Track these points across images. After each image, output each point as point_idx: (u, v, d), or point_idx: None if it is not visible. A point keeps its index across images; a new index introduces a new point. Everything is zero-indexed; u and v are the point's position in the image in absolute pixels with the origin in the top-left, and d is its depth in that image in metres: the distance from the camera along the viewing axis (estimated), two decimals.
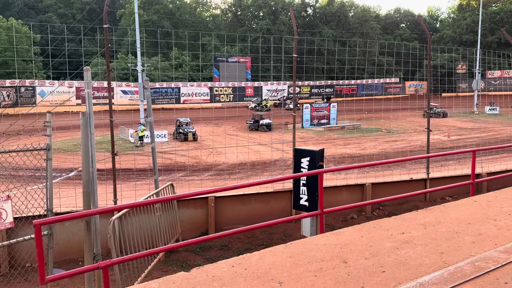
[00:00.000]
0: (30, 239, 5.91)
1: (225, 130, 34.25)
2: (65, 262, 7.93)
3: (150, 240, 7.35)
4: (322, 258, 3.80)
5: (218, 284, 3.29)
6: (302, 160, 7.24)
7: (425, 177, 12.05)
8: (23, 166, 6.73)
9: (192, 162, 23.85)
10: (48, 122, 5.97)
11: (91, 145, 5.39)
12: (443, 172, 13.84)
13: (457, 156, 17.14)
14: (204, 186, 17.04)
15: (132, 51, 50.56)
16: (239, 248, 8.45)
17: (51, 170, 5.99)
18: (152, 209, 7.69)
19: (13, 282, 6.69)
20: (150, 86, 33.82)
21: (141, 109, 35.97)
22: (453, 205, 5.61)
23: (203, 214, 9.33)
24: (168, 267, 7.47)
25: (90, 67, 5.82)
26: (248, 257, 3.87)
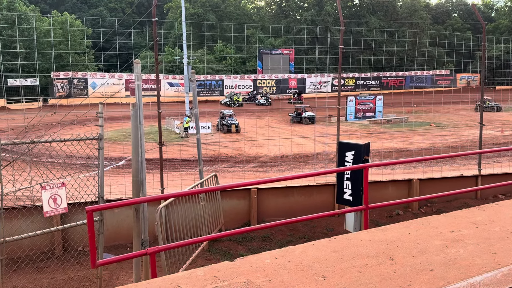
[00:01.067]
0: (83, 224, 6.24)
1: (267, 123, 34.31)
2: (114, 247, 8.29)
3: (195, 228, 7.53)
4: (367, 254, 3.74)
5: (261, 275, 3.31)
6: (347, 154, 7.12)
7: (476, 174, 11.50)
8: (76, 155, 7.07)
9: (234, 154, 24.13)
10: (100, 112, 6.23)
11: (140, 136, 5.57)
12: (495, 169, 13.14)
13: (510, 152, 16.22)
14: (247, 178, 17.20)
15: (178, 44, 51.63)
16: (280, 240, 8.48)
17: (102, 159, 6.27)
18: (196, 198, 7.86)
19: (66, 264, 7.09)
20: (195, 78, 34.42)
21: (186, 101, 36.73)
22: (508, 203, 5.32)
23: (245, 205, 9.43)
24: (212, 255, 7.63)
25: (139, 60, 6.00)
26: (291, 249, 3.87)
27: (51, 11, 54.64)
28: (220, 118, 32.41)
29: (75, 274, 6.86)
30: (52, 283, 6.63)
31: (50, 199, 5.61)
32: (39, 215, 7.28)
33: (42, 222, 7.39)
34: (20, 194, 7.03)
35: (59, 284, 6.57)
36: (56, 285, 6.54)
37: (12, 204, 7.35)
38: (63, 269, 7.01)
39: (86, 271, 6.89)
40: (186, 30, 38.51)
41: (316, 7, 66.27)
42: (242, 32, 55.03)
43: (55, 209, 5.69)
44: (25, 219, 7.33)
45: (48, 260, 7.28)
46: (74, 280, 6.67)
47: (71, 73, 49.25)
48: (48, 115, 7.90)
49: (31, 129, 7.42)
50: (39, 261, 7.02)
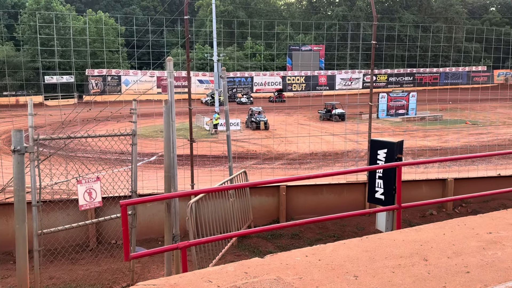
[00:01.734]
0: (116, 217, 6.40)
1: (296, 120, 34.12)
2: (146, 241, 8.46)
3: (224, 224, 7.58)
4: (400, 254, 3.66)
5: (291, 272, 3.30)
6: (379, 152, 6.98)
7: None
8: (111, 150, 7.24)
9: (263, 151, 24.15)
10: (134, 109, 6.37)
11: (172, 132, 5.65)
12: None
13: None
14: (276, 175, 17.18)
15: (208, 42, 52.06)
16: (309, 238, 8.43)
17: (136, 154, 6.40)
18: (226, 195, 7.92)
19: (100, 256, 7.29)
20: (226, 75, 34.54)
21: (216, 98, 37.01)
22: None
23: (274, 202, 9.42)
24: (241, 251, 7.68)
25: (172, 58, 6.08)
26: (322, 248, 3.83)
27: (86, 10, 56.21)
28: (249, 115, 32.50)
29: (108, 266, 7.05)
30: (86, 274, 6.84)
31: (86, 193, 5.78)
32: (74, 208, 7.52)
33: (77, 215, 7.63)
34: (56, 187, 7.28)
35: (93, 275, 6.77)
36: (90, 277, 6.74)
37: (49, 197, 7.62)
38: (97, 261, 7.22)
39: (119, 263, 7.07)
40: (216, 27, 38.77)
41: (347, 2, 65.23)
42: (272, 29, 54.85)
43: (90, 202, 5.86)
44: (61, 212, 7.59)
45: (82, 252, 7.52)
46: (108, 272, 6.86)
47: (105, 70, 50.56)
48: (83, 111, 8.13)
49: (67, 125, 7.66)
50: (74, 253, 7.26)
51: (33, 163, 5.39)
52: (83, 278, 6.66)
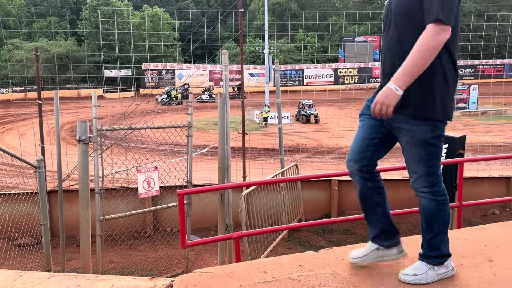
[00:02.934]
0: (173, 206, 6.62)
1: (348, 113, 33.45)
2: (199, 230, 8.70)
3: (275, 217, 7.62)
4: (463, 254, 3.49)
5: (348, 268, 3.26)
6: None
7: None
8: (166, 141, 7.47)
9: (313, 144, 23.95)
10: (190, 102, 6.53)
11: (226, 124, 5.74)
12: None
13: None
14: (326, 169, 16.99)
15: (260, 35, 52.19)
16: (362, 234, 8.28)
17: (191, 145, 6.57)
18: (277, 187, 7.94)
19: (157, 243, 7.60)
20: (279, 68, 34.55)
21: (266, 90, 37.12)
22: None
23: (325, 196, 9.32)
24: (291, 244, 7.69)
25: (227, 51, 6.16)
26: None
27: (142, 5, 58.22)
28: (299, 108, 32.28)
29: (164, 253, 7.33)
30: (144, 260, 7.16)
31: (145, 182, 6.02)
32: (133, 196, 7.88)
33: (135, 203, 7.99)
34: (117, 176, 7.64)
35: (150, 261, 7.07)
36: (147, 262, 7.05)
37: (110, 185, 8.03)
38: (154, 248, 7.53)
39: (174, 250, 7.32)
40: (268, 20, 38.75)
41: None
42: (324, 20, 53.96)
43: (148, 191, 6.10)
44: (121, 200, 7.97)
45: (140, 239, 7.87)
46: (164, 258, 7.14)
47: (160, 64, 52.23)
48: (141, 104, 8.45)
49: (127, 116, 8.00)
50: (133, 239, 7.61)
51: (96, 152, 5.69)
52: (141, 263, 6.98)
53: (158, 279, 3.16)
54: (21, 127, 28.16)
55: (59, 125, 6.61)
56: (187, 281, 3.12)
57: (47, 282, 3.03)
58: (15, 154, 4.84)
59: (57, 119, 6.57)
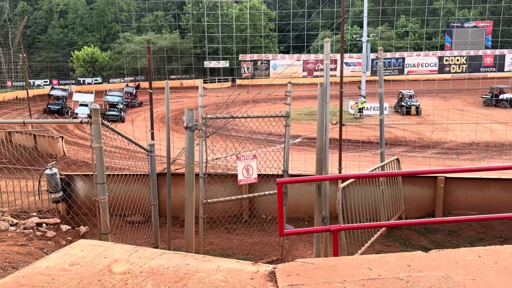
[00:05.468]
0: (269, 194, 6.72)
1: (453, 105, 30.93)
2: (293, 220, 8.74)
3: (374, 212, 7.33)
4: None
5: (462, 272, 2.99)
6: None
7: None
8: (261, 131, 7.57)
9: (414, 138, 22.61)
10: (288, 91, 6.52)
11: (326, 115, 5.62)
12: None
13: None
14: (429, 164, 15.93)
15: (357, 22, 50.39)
16: (470, 237, 7.60)
17: (288, 135, 6.59)
18: (376, 182, 7.62)
19: (253, 229, 7.79)
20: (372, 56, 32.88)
21: (363, 80, 35.83)
22: None
23: (429, 194, 8.71)
24: (390, 242, 7.35)
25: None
26: (498, 249, 3.39)
27: None
28: (399, 99, 30.64)
29: (259, 239, 7.50)
30: (240, 244, 7.40)
31: (244, 169, 6.19)
32: (232, 182, 8.16)
33: (234, 189, 8.27)
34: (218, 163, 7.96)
35: (246, 246, 7.28)
36: (244, 246, 7.27)
37: (212, 171, 8.42)
38: (250, 233, 7.74)
39: (269, 237, 7.46)
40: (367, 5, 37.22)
41: None
42: (429, 4, 50.23)
43: (247, 178, 6.26)
44: (220, 185, 8.31)
45: (238, 223, 8.15)
46: (259, 244, 7.30)
47: (256, 55, 53.25)
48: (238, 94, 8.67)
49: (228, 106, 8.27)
50: (231, 223, 7.90)
51: (201, 139, 5.97)
52: (238, 247, 7.22)
53: (261, 265, 3.21)
54: (132, 114, 30.88)
55: (169, 113, 7.06)
56: (289, 270, 3.13)
57: (159, 258, 3.25)
58: (131, 139, 5.27)
59: (167, 107, 7.02)
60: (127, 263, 3.02)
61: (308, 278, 2.98)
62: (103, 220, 4.18)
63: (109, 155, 8.69)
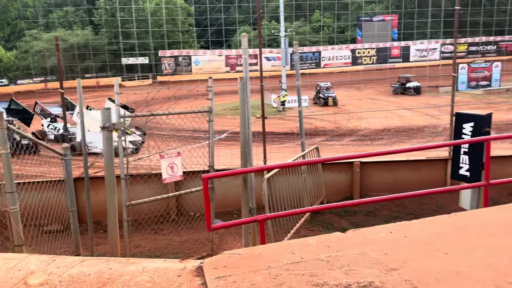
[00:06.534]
0: (196, 191, 6.69)
1: (367, 95, 32.98)
2: (222, 214, 8.79)
3: (297, 200, 7.63)
4: (493, 233, 3.43)
5: (376, 248, 3.23)
6: (464, 126, 6.56)
7: None
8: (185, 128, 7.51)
9: (332, 127, 23.76)
10: (210, 87, 6.52)
11: (247, 109, 5.72)
12: None
13: None
14: (346, 151, 16.86)
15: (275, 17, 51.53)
16: (385, 216, 8.23)
17: (212, 130, 6.60)
18: (299, 171, 7.93)
19: (182, 227, 7.71)
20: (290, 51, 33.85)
21: (283, 74, 36.78)
22: None
23: (347, 178, 9.27)
24: (314, 227, 7.71)
25: (247, 34, 6.10)
26: (407, 224, 3.71)
27: None
28: (317, 91, 31.96)
29: (188, 236, 7.45)
30: (169, 244, 7.29)
31: (168, 167, 6.09)
32: (157, 182, 7.98)
33: (159, 189, 8.10)
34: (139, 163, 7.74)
35: (175, 245, 7.19)
36: (172, 246, 7.18)
37: (135, 172, 8.16)
38: (178, 232, 7.65)
39: (198, 234, 7.43)
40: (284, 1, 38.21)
41: None
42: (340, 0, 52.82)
43: (172, 176, 6.17)
44: (145, 186, 8.09)
45: (165, 223, 8.00)
46: (188, 242, 7.26)
47: (176, 51, 52.20)
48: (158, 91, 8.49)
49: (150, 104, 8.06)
50: (158, 224, 7.75)
51: (120, 139, 5.76)
52: (166, 247, 7.11)
53: (187, 261, 3.20)
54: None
55: (83, 114, 6.71)
56: (216, 263, 3.16)
57: (80, 266, 3.10)
58: (42, 143, 4.94)
59: (81, 107, 6.66)
60: (44, 273, 2.84)
61: (235, 268, 3.03)
62: (16, 231, 3.89)
63: (20, 162, 8.04)
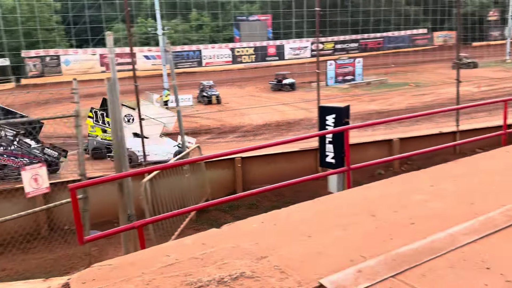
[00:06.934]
0: (67, 203, 6.19)
1: (248, 92, 34.09)
2: (102, 224, 8.28)
3: (181, 201, 7.57)
4: (351, 212, 3.83)
5: (248, 239, 3.37)
6: (327, 118, 7.19)
7: (454, 130, 11.77)
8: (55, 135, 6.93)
9: (217, 125, 24.06)
10: (75, 89, 6.08)
11: (117, 110, 5.48)
12: (473, 124, 13.45)
13: (488, 107, 16.61)
14: (230, 148, 17.23)
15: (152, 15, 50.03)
16: (266, 207, 8.62)
17: (81, 136, 6.17)
18: (181, 171, 7.87)
19: (54, 243, 7.09)
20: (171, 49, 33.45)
21: (164, 73, 36.03)
22: (484, 156, 5.49)
23: (230, 174, 9.49)
24: (200, 225, 7.74)
25: (112, 33, 5.82)
26: (276, 213, 3.94)
27: None
28: (200, 90, 32.03)
29: (63, 252, 6.88)
30: (41, 262, 6.65)
31: (31, 180, 5.53)
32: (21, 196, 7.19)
33: (26, 204, 7.31)
34: None
35: (48, 263, 6.59)
36: (45, 264, 6.56)
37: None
38: (51, 249, 7.01)
39: (74, 249, 6.90)
40: None
41: None
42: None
43: (37, 189, 5.62)
44: (8, 202, 7.24)
45: (34, 241, 7.26)
46: (63, 258, 6.70)
47: (42, 51, 47.50)
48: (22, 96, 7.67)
49: None
50: (26, 242, 6.99)
51: None
52: (38, 267, 6.47)
53: (53, 279, 2.96)
54: None
55: None
56: (85, 277, 2.97)
57: None
58: None
59: None
60: None
61: (105, 281, 2.89)
62: None
63: None
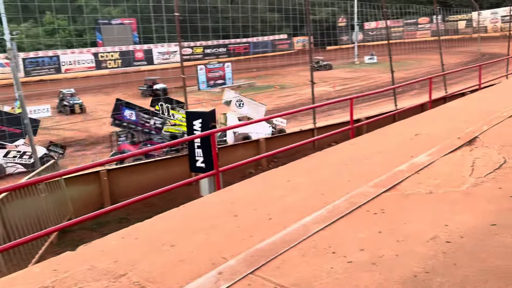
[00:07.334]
0: None
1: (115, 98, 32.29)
2: None
3: (39, 223, 6.82)
4: (215, 215, 3.89)
5: (106, 258, 3.18)
6: (195, 123, 7.22)
7: (312, 127, 12.86)
8: None
9: (83, 136, 22.39)
10: None
11: None
12: (329, 121, 14.89)
13: (341, 104, 18.54)
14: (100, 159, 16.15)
15: None
16: (138, 219, 8.24)
17: None
18: (36, 190, 7.09)
19: None
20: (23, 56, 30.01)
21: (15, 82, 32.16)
22: (333, 149, 6.09)
23: (96, 189, 8.86)
24: (62, 248, 7.04)
25: None
26: (137, 226, 3.81)
27: None
28: (60, 99, 29.42)
29: None
30: None
31: None
32: None
33: None
34: None
35: None
36: None
37: None
38: None
39: None
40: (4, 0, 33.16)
41: None
42: (74, 1, 49.74)
43: None
44: None
45: None
46: None
47: None
48: None
49: None
50: None
51: None
52: None
53: None
54: None
55: None
56: None
57: None
58: None
59: None
60: None
61: None
62: None
63: None
